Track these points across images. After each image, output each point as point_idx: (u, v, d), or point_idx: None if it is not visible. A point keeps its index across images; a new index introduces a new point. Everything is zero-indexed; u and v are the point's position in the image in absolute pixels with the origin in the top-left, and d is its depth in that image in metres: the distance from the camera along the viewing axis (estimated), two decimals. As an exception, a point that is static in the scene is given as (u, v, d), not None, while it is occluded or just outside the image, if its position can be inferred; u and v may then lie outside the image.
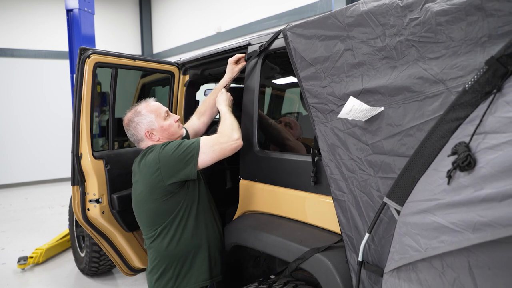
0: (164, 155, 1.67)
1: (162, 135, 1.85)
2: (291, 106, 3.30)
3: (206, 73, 2.67)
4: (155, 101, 1.92)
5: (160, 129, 1.84)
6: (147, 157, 1.73)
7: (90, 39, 4.36)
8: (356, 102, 1.19)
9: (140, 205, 1.80)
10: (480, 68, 0.88)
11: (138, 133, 1.84)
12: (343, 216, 1.34)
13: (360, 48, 1.22)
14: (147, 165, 1.71)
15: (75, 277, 3.60)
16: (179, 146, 1.69)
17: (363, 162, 1.23)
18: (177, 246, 1.78)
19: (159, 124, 1.84)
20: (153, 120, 1.83)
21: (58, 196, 7.01)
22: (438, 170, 0.94)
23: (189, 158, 1.66)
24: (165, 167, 1.67)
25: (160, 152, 1.68)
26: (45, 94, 8.63)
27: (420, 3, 1.04)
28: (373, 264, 1.22)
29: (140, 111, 1.85)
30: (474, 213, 0.80)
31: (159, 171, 1.67)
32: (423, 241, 0.94)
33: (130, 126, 1.86)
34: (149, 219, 1.79)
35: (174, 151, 1.67)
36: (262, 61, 1.95)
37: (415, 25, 1.05)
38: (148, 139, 1.84)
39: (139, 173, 1.77)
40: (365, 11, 1.19)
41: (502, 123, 0.80)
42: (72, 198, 2.33)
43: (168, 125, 1.86)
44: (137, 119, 1.84)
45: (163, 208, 1.74)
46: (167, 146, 1.70)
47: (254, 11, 6.69)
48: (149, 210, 1.77)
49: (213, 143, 1.69)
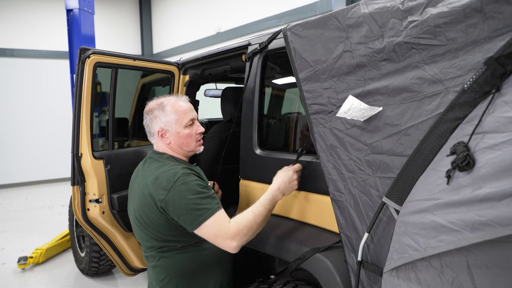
0: (177, 191, 1.47)
1: (175, 140, 1.66)
2: (291, 106, 3.30)
3: (206, 73, 2.67)
4: (187, 102, 1.72)
5: (176, 135, 1.65)
6: (160, 178, 1.51)
7: (90, 39, 4.36)
8: (355, 101, 1.19)
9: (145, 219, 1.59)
10: (478, 68, 0.88)
11: (152, 126, 1.67)
12: (342, 216, 1.34)
13: (359, 49, 1.22)
14: (155, 188, 1.51)
15: (75, 277, 3.60)
16: (196, 196, 1.47)
17: (361, 162, 1.23)
18: (193, 262, 1.60)
19: (176, 128, 1.64)
20: (173, 121, 1.64)
21: (58, 196, 7.02)
22: (437, 170, 0.94)
23: (192, 217, 1.46)
24: (171, 205, 1.48)
25: (173, 186, 1.48)
26: (45, 94, 8.63)
27: (421, 6, 1.04)
28: (372, 264, 1.22)
29: (165, 105, 1.65)
30: (473, 213, 0.81)
31: (163, 202, 1.49)
32: (422, 240, 0.95)
33: (148, 116, 1.68)
34: (158, 234, 1.58)
35: (189, 199, 1.46)
36: (262, 61, 1.95)
37: (413, 27, 1.05)
38: (159, 138, 1.67)
39: (148, 188, 1.54)
40: (366, 14, 1.19)
41: (501, 123, 0.80)
42: (72, 198, 2.33)
43: (186, 135, 1.66)
44: (157, 112, 1.65)
45: (174, 225, 1.55)
46: (186, 185, 1.48)
47: (254, 11, 6.69)
48: (159, 226, 1.56)
49: (218, 231, 1.45)
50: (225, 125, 2.68)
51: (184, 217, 1.47)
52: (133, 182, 1.74)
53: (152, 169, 1.59)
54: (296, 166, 1.65)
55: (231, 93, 2.70)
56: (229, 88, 2.76)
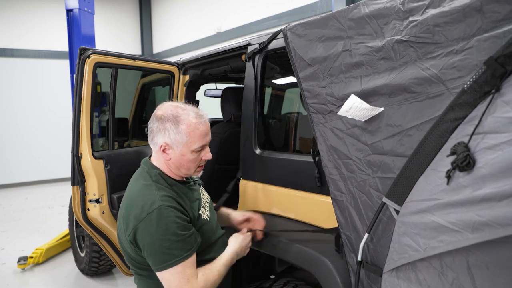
0: (147, 225, 1.33)
1: (176, 160, 1.48)
2: (292, 106, 3.30)
3: (206, 73, 2.67)
4: (207, 124, 1.51)
5: (179, 156, 1.46)
6: (135, 203, 1.39)
7: (90, 39, 4.36)
8: (357, 100, 1.19)
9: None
10: (478, 68, 0.88)
11: (157, 137, 1.47)
12: (342, 216, 1.34)
13: (359, 49, 1.22)
14: (128, 213, 1.39)
15: (75, 277, 3.60)
16: (167, 238, 1.33)
17: (362, 162, 1.23)
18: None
19: (182, 150, 1.46)
20: (182, 143, 1.44)
21: (58, 196, 7.02)
22: (437, 170, 0.94)
23: (157, 260, 1.34)
24: (139, 237, 1.36)
25: (146, 217, 1.33)
26: (45, 94, 8.63)
27: (422, 8, 1.04)
28: (372, 264, 1.22)
29: (180, 122, 1.44)
30: (473, 213, 0.81)
31: (131, 233, 1.37)
32: (422, 240, 0.95)
33: (158, 123, 1.46)
34: (130, 260, 1.48)
35: (158, 238, 1.32)
36: (262, 61, 1.95)
37: (412, 26, 1.05)
38: (159, 151, 1.48)
39: (124, 209, 1.43)
40: (366, 14, 1.19)
41: (501, 123, 0.80)
42: (72, 198, 2.33)
43: (190, 160, 1.48)
44: (169, 125, 1.43)
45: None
46: (159, 221, 1.33)
47: (254, 11, 6.69)
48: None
49: (181, 283, 1.34)
50: (225, 125, 2.68)
51: (149, 256, 1.35)
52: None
53: (135, 188, 1.47)
54: (249, 234, 1.68)
55: (231, 93, 2.70)
56: (229, 88, 2.77)
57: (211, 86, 3.82)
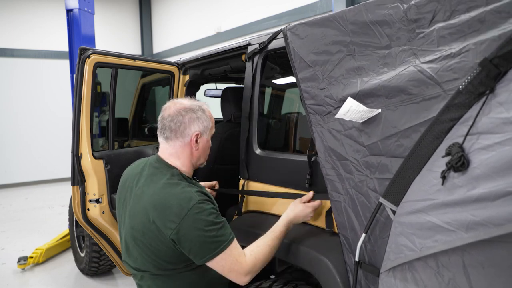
0: (191, 221, 1.33)
1: (201, 149, 1.55)
2: (291, 106, 3.31)
3: (206, 73, 2.68)
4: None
5: (206, 143, 1.56)
6: (170, 202, 1.36)
7: (90, 39, 4.37)
8: (354, 103, 1.20)
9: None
10: (474, 69, 0.89)
11: (189, 127, 1.48)
12: (340, 217, 1.35)
13: (363, 54, 1.23)
14: (164, 213, 1.36)
15: (75, 277, 3.61)
16: (213, 226, 1.36)
17: (359, 163, 1.24)
18: (184, 285, 1.50)
19: (207, 136, 1.56)
20: (209, 128, 1.55)
21: (58, 196, 7.02)
22: (432, 171, 0.95)
23: (205, 251, 1.35)
24: (183, 235, 1.35)
25: (187, 214, 1.33)
26: (45, 94, 8.64)
27: (428, 19, 1.05)
28: (370, 264, 1.23)
29: (205, 109, 1.55)
30: (468, 213, 0.82)
31: (174, 231, 1.35)
32: (418, 240, 0.95)
33: (187, 114, 1.48)
34: (158, 261, 1.45)
35: (204, 230, 1.34)
36: (262, 61, 1.96)
37: (420, 38, 1.06)
38: (189, 142, 1.49)
39: (154, 211, 1.38)
40: (370, 20, 1.20)
41: (495, 124, 0.81)
42: (72, 198, 2.34)
43: (209, 146, 1.60)
44: (200, 113, 1.51)
45: (179, 254, 1.43)
46: (201, 214, 1.35)
47: (254, 11, 6.70)
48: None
49: (233, 265, 1.37)
50: (225, 125, 2.69)
51: (197, 249, 1.35)
52: (129, 185, 1.56)
53: (159, 187, 1.42)
54: (316, 204, 1.57)
55: (231, 93, 2.71)
56: (229, 88, 2.77)
57: (211, 86, 3.83)
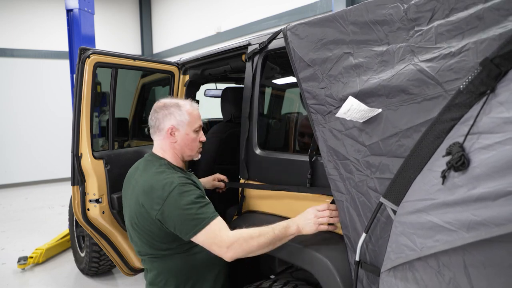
0: (173, 201, 1.47)
1: (181, 141, 1.69)
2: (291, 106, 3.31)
3: (206, 73, 2.68)
4: (198, 110, 1.78)
5: (184, 136, 1.68)
6: (155, 187, 1.52)
7: (90, 39, 4.37)
8: (355, 102, 1.20)
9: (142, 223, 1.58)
10: (474, 69, 0.89)
11: (163, 122, 1.67)
12: (343, 217, 1.35)
13: (362, 53, 1.23)
14: (150, 196, 1.52)
15: (75, 277, 3.61)
16: (193, 205, 1.48)
17: (360, 163, 1.24)
18: (186, 266, 1.63)
19: (186, 130, 1.68)
20: (185, 123, 1.68)
21: (58, 196, 7.02)
22: (432, 170, 0.95)
23: (188, 227, 1.47)
24: (167, 215, 1.48)
25: (169, 195, 1.48)
26: (45, 94, 8.63)
27: (427, 18, 1.05)
28: (371, 264, 1.23)
29: (181, 106, 1.69)
30: (468, 213, 0.81)
31: (159, 212, 1.49)
32: (418, 240, 0.95)
33: (161, 111, 1.68)
34: (151, 241, 1.60)
35: (185, 209, 1.47)
36: (262, 61, 1.96)
37: (418, 35, 1.06)
38: (167, 135, 1.67)
39: (143, 195, 1.54)
40: (370, 20, 1.20)
41: (496, 124, 0.81)
42: (72, 198, 2.34)
43: (193, 138, 1.71)
44: (173, 109, 1.67)
45: (169, 233, 1.56)
46: (181, 195, 1.49)
47: (254, 11, 6.70)
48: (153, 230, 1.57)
49: (214, 238, 1.45)
50: (225, 125, 2.69)
51: (180, 227, 1.48)
52: (128, 181, 1.73)
53: (148, 175, 1.59)
54: (332, 206, 1.47)
55: (231, 93, 2.71)
56: (229, 88, 2.77)
57: (211, 86, 3.82)
